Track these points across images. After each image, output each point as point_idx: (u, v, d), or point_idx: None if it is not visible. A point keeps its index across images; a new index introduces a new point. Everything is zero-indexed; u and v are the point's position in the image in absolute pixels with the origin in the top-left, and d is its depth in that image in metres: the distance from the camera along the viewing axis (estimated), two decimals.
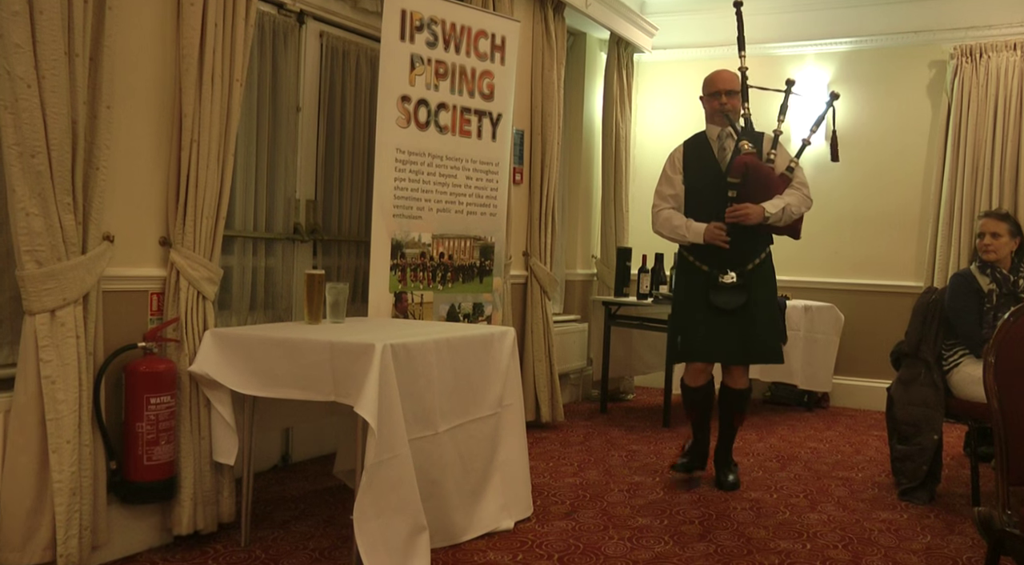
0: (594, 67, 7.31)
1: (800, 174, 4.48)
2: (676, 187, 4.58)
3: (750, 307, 4.37)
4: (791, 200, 4.37)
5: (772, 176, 4.37)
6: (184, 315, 3.42)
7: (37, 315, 2.89)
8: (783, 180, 4.42)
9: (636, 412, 6.69)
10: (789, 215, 4.37)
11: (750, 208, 4.28)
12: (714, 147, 4.53)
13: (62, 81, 2.88)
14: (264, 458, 4.54)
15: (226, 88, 3.49)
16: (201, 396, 3.43)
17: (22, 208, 2.82)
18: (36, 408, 2.90)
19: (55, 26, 2.84)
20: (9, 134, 2.79)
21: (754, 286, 4.39)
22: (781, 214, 4.34)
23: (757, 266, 4.43)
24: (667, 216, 4.55)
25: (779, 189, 4.39)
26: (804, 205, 4.43)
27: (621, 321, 6.49)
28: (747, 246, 4.40)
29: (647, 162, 7.56)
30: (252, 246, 4.37)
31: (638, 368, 6.98)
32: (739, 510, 4.17)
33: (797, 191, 4.42)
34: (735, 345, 4.40)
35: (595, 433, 5.86)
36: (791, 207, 4.36)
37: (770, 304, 4.53)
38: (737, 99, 4.49)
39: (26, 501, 2.90)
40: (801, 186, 4.45)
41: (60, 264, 2.92)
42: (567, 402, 6.80)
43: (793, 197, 4.38)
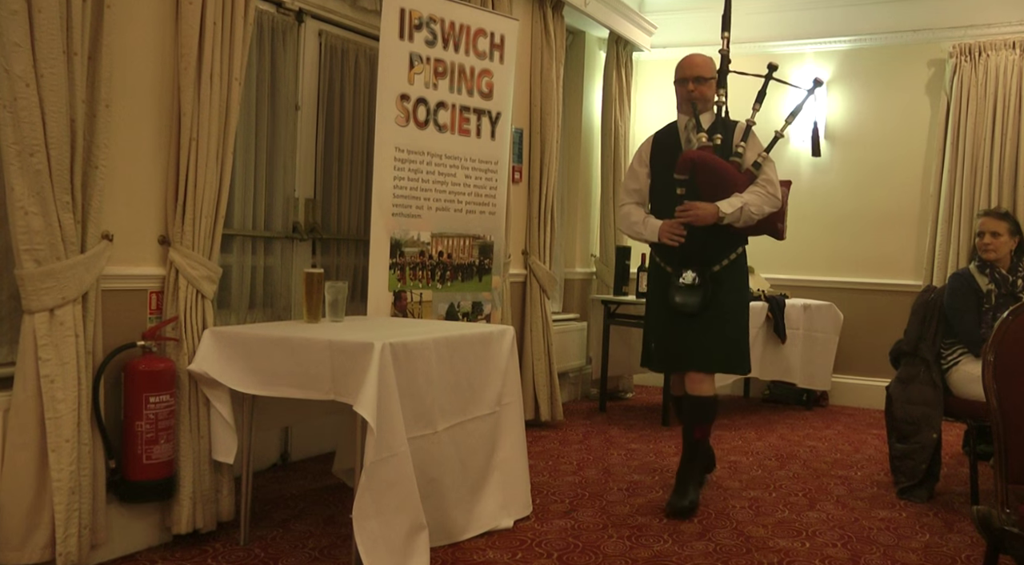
0: (593, 66, 7.31)
1: (768, 170, 4.11)
2: (640, 181, 4.33)
3: (713, 311, 4.05)
4: (750, 199, 4.01)
5: (729, 172, 4.01)
6: (183, 314, 3.41)
7: (36, 314, 2.89)
8: (748, 176, 4.08)
9: (635, 411, 6.69)
10: (748, 216, 4.02)
11: (701, 208, 3.97)
12: (682, 138, 4.21)
13: (61, 80, 2.87)
14: (263, 457, 4.54)
15: (225, 87, 3.49)
16: (200, 395, 3.43)
17: (21, 207, 2.82)
18: (35, 407, 2.90)
19: (53, 25, 2.84)
20: (8, 133, 2.79)
21: (720, 289, 4.06)
22: (739, 214, 3.99)
23: (725, 268, 4.11)
24: (626, 212, 4.32)
25: (741, 186, 4.04)
26: (768, 204, 4.06)
27: (620, 320, 6.49)
28: (713, 246, 4.08)
29: None
30: (251, 245, 4.37)
31: (637, 367, 6.97)
32: (738, 509, 4.17)
33: (760, 189, 4.06)
34: (692, 350, 4.08)
35: (594, 432, 5.86)
36: (750, 207, 4.00)
37: (738, 309, 4.18)
38: (707, 86, 4.14)
39: (25, 500, 2.90)
40: (766, 184, 4.07)
41: (59, 263, 2.92)
42: (566, 401, 6.80)
43: (754, 196, 4.03)
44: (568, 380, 6.96)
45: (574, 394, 7.10)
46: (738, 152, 4.08)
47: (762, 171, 4.08)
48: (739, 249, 4.18)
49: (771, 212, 4.09)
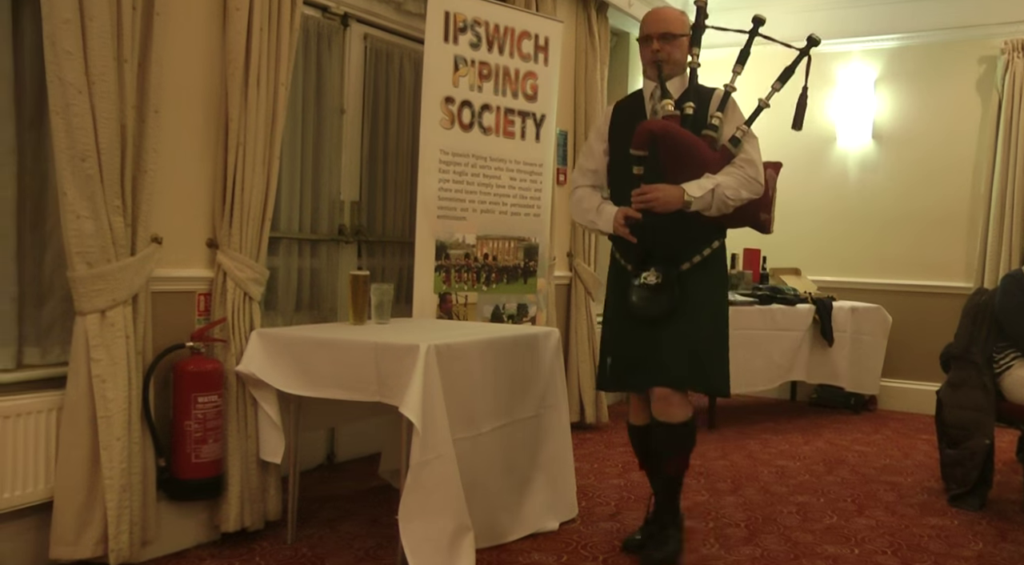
0: (638, 67, 7.26)
1: (749, 148, 3.35)
2: (597, 160, 3.58)
3: (681, 317, 3.31)
4: (724, 181, 3.26)
5: (699, 148, 3.28)
6: (231, 315, 3.46)
7: (88, 315, 2.94)
8: (724, 155, 3.34)
9: None
10: (722, 201, 3.26)
11: (662, 191, 3.22)
12: (647, 108, 3.48)
13: (111, 86, 2.93)
14: (310, 457, 4.58)
15: (271, 91, 3.53)
16: (248, 395, 3.47)
17: (73, 211, 2.88)
18: (87, 406, 2.96)
19: (105, 33, 2.89)
20: (60, 139, 2.85)
21: (689, 291, 3.32)
22: (710, 199, 3.23)
23: (697, 266, 3.36)
24: (578, 198, 3.59)
25: (714, 166, 3.31)
26: (746, 188, 3.29)
27: None
28: (680, 239, 3.35)
29: None
30: (297, 247, 4.41)
31: None
32: (785, 514, 4.13)
33: (737, 170, 3.30)
34: (656, 363, 3.33)
35: None
36: (723, 190, 3.24)
37: (712, 315, 3.40)
38: (676, 45, 3.40)
39: (78, 497, 2.96)
40: (745, 164, 3.31)
41: (110, 265, 2.97)
42: (611, 403, 6.78)
43: (729, 178, 3.27)
44: None
45: (619, 396, 7.07)
46: (713, 124, 3.33)
47: (741, 148, 3.33)
48: (714, 243, 3.42)
49: (751, 198, 3.34)
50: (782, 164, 3.78)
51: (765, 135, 7.74)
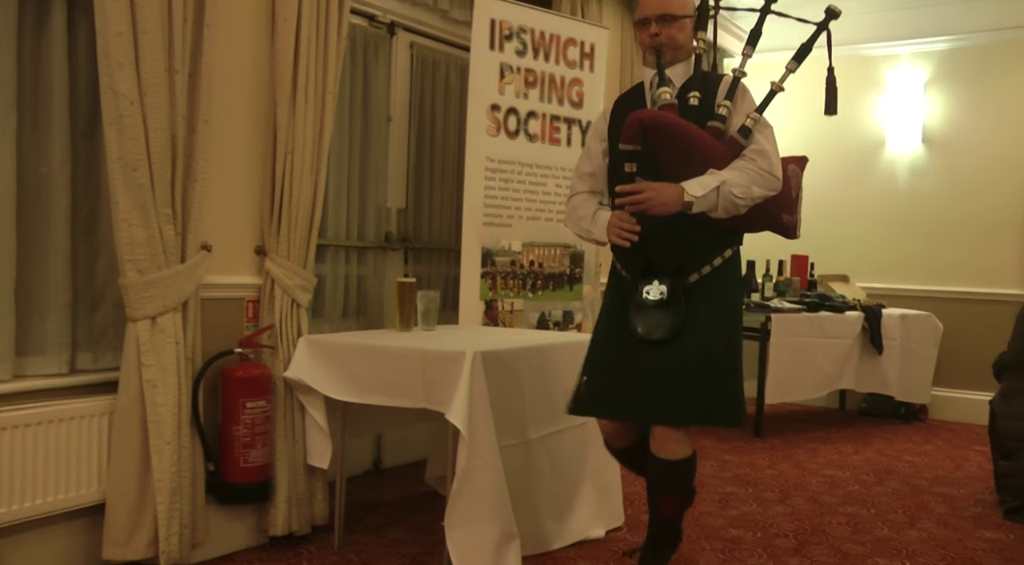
0: None
1: (760, 138, 2.90)
2: (595, 162, 3.20)
3: (688, 339, 2.88)
4: (731, 178, 2.80)
5: (700, 140, 2.85)
6: (279, 322, 3.49)
7: (139, 321, 3.00)
8: (734, 148, 2.90)
9: None
10: (730, 201, 2.80)
11: (658, 190, 2.79)
12: (648, 101, 3.08)
13: (163, 97, 2.98)
14: (357, 463, 4.61)
15: (319, 100, 3.57)
16: (295, 401, 3.51)
17: (124, 219, 2.93)
18: (138, 410, 3.01)
19: (156, 45, 2.95)
20: (113, 149, 2.91)
21: (698, 309, 2.90)
22: (715, 199, 2.79)
23: (706, 278, 2.94)
24: (574, 205, 3.21)
25: (721, 160, 2.87)
26: (759, 185, 2.83)
27: None
28: (685, 247, 2.93)
29: None
30: (344, 254, 4.45)
31: None
32: (835, 525, 4.07)
33: (747, 164, 2.85)
34: (654, 394, 2.88)
35: None
36: (731, 188, 2.79)
37: (726, 337, 2.95)
38: (678, 28, 3.00)
39: (130, 499, 3.02)
40: (757, 156, 2.86)
41: (160, 273, 3.02)
42: None
43: (738, 173, 2.82)
44: None
45: None
46: (720, 115, 2.93)
47: (752, 139, 2.89)
48: (726, 252, 2.99)
49: (765, 195, 2.87)
50: (807, 158, 3.35)
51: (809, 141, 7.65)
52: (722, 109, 2.93)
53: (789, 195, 3.10)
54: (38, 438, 2.89)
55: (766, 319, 5.85)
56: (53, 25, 3.01)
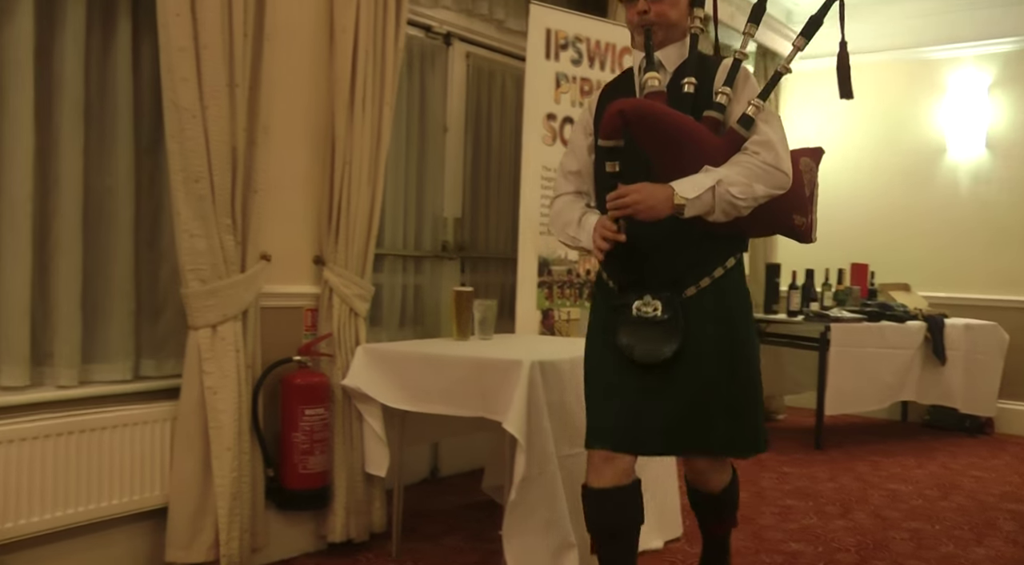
0: None
1: (765, 128, 2.48)
2: (581, 159, 2.79)
3: (695, 362, 2.51)
4: (730, 174, 2.41)
5: (692, 131, 2.46)
6: (337, 331, 3.53)
7: (200, 330, 3.05)
8: (732, 139, 2.49)
9: (787, 433, 6.52)
10: (728, 202, 2.40)
11: (644, 192, 2.40)
12: (637, 87, 2.66)
13: (224, 110, 3.04)
14: (414, 471, 4.63)
15: (377, 111, 3.61)
16: (353, 409, 3.54)
17: (186, 230, 3.00)
18: (199, 416, 3.07)
19: (218, 59, 3.01)
20: (175, 161, 2.97)
21: (698, 324, 2.52)
22: (711, 200, 2.39)
23: (705, 290, 2.55)
24: (558, 209, 2.81)
25: (717, 154, 2.47)
26: (763, 182, 2.43)
27: (770, 339, 6.34)
28: (681, 256, 2.55)
29: None
30: (402, 264, 4.49)
31: (788, 388, 6.80)
32: (898, 540, 3.99)
33: (749, 158, 2.45)
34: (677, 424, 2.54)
35: None
36: (729, 187, 2.39)
37: (740, 357, 2.58)
38: (668, 3, 2.60)
39: (191, 503, 3.07)
40: (760, 149, 2.45)
41: (221, 282, 3.08)
42: None
43: (738, 170, 2.42)
44: None
45: None
46: (718, 104, 2.52)
47: (755, 129, 2.49)
48: (729, 261, 2.60)
49: (771, 194, 2.47)
50: (823, 150, 2.94)
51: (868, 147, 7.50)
52: (721, 96, 2.52)
53: (801, 193, 2.70)
54: (103, 442, 2.96)
55: (825, 329, 5.77)
56: (118, 43, 3.09)
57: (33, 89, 2.85)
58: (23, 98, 2.83)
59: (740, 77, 2.56)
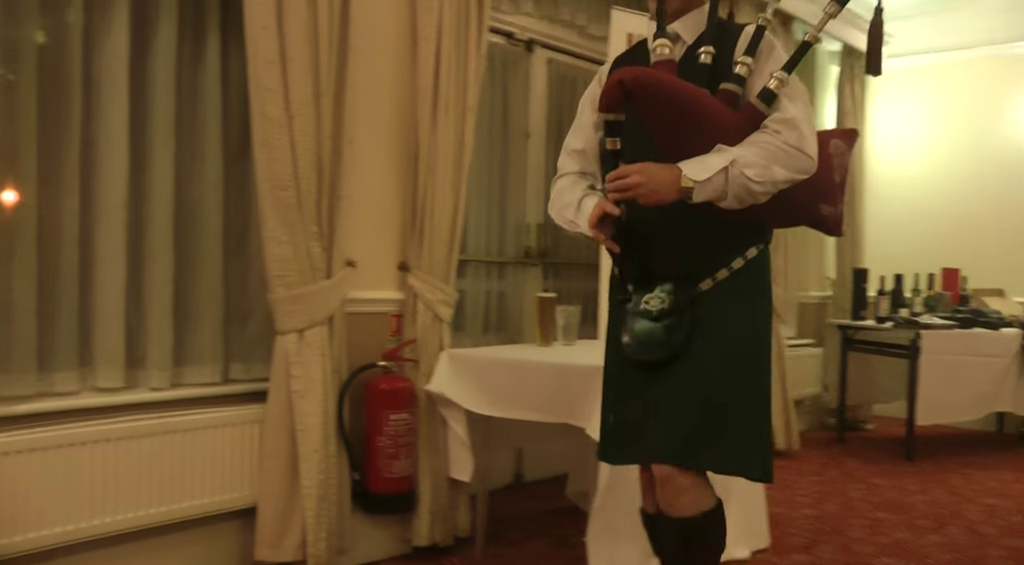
0: (825, 80, 7.08)
1: (788, 105, 2.19)
2: (586, 136, 2.54)
3: (692, 359, 2.23)
4: (745, 155, 2.13)
5: (706, 107, 2.17)
6: (421, 336, 3.56)
7: (287, 334, 3.11)
8: (751, 115, 2.20)
9: (876, 443, 6.36)
10: (742, 185, 2.12)
11: (648, 173, 2.13)
12: (652, 59, 2.32)
13: (310, 120, 3.09)
14: (497, 477, 4.64)
15: (459, 117, 3.63)
16: (437, 414, 3.56)
17: (273, 237, 3.06)
18: (286, 419, 3.13)
19: (304, 70, 3.07)
20: (262, 170, 3.04)
21: (710, 322, 2.24)
22: (723, 183, 2.11)
23: (722, 285, 2.27)
24: (559, 189, 2.58)
25: (732, 132, 2.18)
26: (781, 164, 2.14)
27: (858, 346, 6.21)
28: (695, 245, 2.27)
29: (883, 178, 7.22)
30: (485, 269, 4.50)
31: (877, 396, 6.63)
32: (996, 558, 3.83)
33: (768, 137, 2.16)
34: (655, 425, 2.24)
35: (832, 464, 5.62)
36: (743, 169, 2.11)
37: (745, 357, 2.28)
38: None
39: (279, 503, 3.13)
40: (782, 127, 2.17)
41: (307, 288, 3.13)
42: (802, 430, 6.56)
43: (755, 150, 2.14)
44: (803, 408, 6.72)
45: (810, 423, 6.85)
46: (737, 75, 2.23)
47: (777, 105, 2.20)
48: (749, 251, 2.30)
49: (793, 179, 2.18)
50: (857, 132, 2.69)
51: (957, 148, 7.28)
52: (740, 67, 2.23)
53: (830, 179, 2.41)
54: (195, 443, 3.03)
55: (916, 336, 5.62)
56: (208, 56, 3.18)
57: (127, 102, 2.95)
58: (118, 111, 2.93)
59: (764, 46, 2.26)
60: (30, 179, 2.78)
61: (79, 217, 2.88)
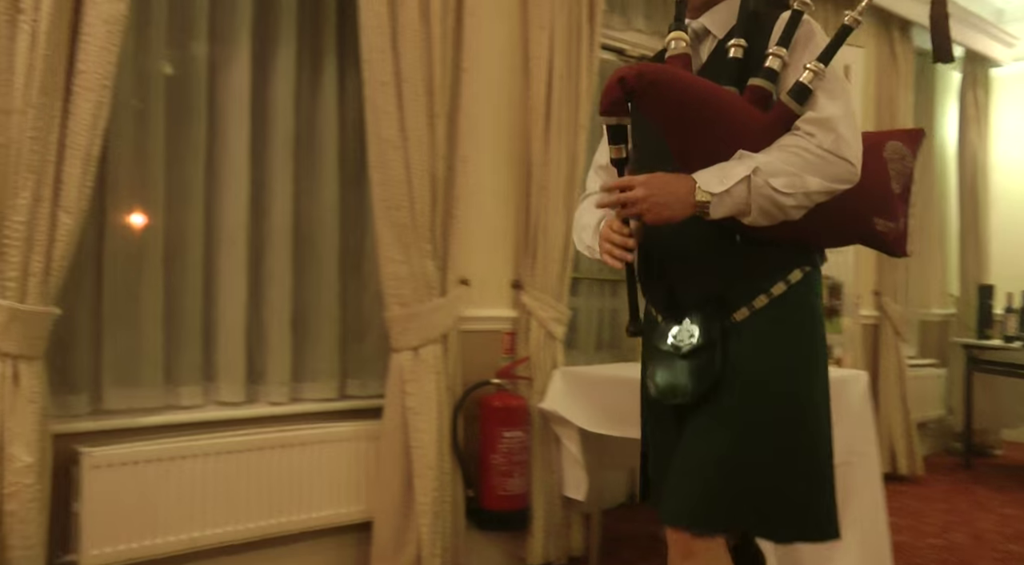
0: (946, 87, 6.83)
1: (824, 101, 1.82)
2: None
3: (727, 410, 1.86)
4: (770, 162, 1.78)
5: (725, 107, 1.84)
6: (534, 354, 3.56)
7: (402, 352, 3.15)
8: (781, 116, 1.84)
9: (1006, 470, 6.07)
10: (768, 198, 1.76)
11: (655, 186, 1.80)
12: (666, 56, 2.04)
13: (424, 140, 3.14)
14: (611, 495, 4.59)
15: (572, 135, 3.64)
16: (551, 432, 3.55)
17: (388, 256, 3.11)
18: (401, 436, 3.16)
19: (418, 91, 3.12)
20: (377, 190, 3.10)
21: (744, 362, 1.87)
22: (745, 195, 1.76)
23: (761, 313, 1.89)
24: (580, 211, 2.21)
25: (757, 136, 1.82)
26: (815, 172, 1.78)
27: (985, 367, 5.95)
28: (727, 266, 1.92)
29: (1008, 188, 6.91)
30: (598, 287, 4.48)
31: (1007, 420, 6.34)
32: None
33: (799, 141, 1.80)
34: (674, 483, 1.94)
35: (958, 491, 5.39)
36: (768, 178, 1.76)
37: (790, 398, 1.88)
38: None
39: (395, 519, 3.17)
40: (815, 129, 1.80)
41: (421, 306, 3.17)
42: (925, 454, 6.31)
43: (782, 157, 1.79)
44: (927, 431, 6.47)
45: (933, 447, 6.59)
46: (768, 70, 1.86)
47: (812, 101, 1.83)
48: (793, 274, 1.92)
49: (832, 191, 1.82)
50: (923, 132, 2.21)
51: None
52: (772, 59, 1.86)
53: (884, 189, 2.03)
54: (312, 457, 3.09)
55: None
56: (325, 80, 3.27)
57: (249, 126, 3.07)
58: (240, 135, 3.05)
59: (800, 35, 1.90)
60: (158, 202, 2.90)
61: (203, 238, 3.00)
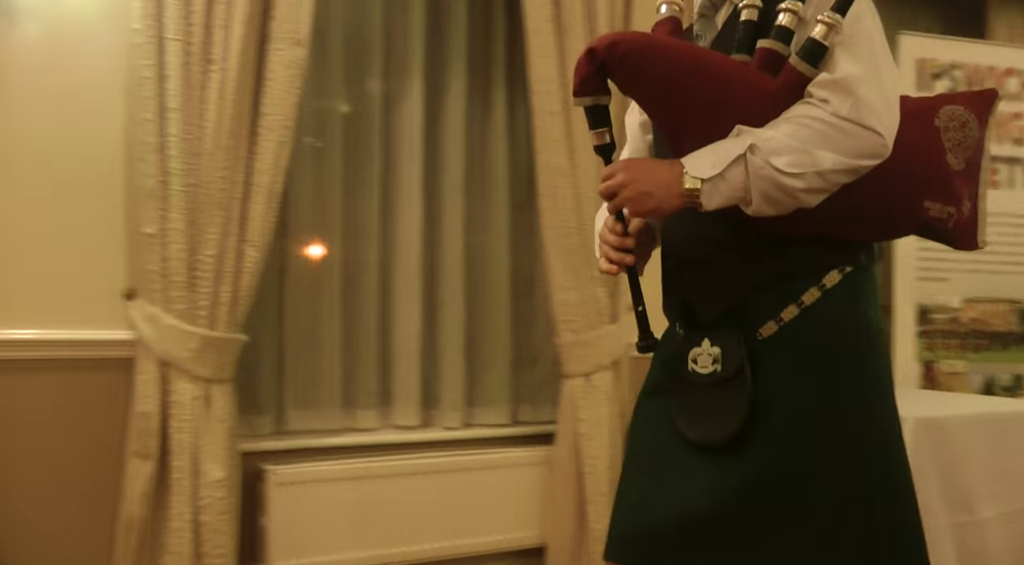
0: None
1: (842, 59, 1.45)
2: (634, 145, 1.88)
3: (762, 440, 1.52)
4: (771, 137, 1.43)
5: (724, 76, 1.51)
6: None
7: (574, 378, 3.18)
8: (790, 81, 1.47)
9: None
10: (772, 181, 1.41)
11: (636, 172, 1.55)
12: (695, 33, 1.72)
13: (592, 167, 3.17)
14: None
15: None
16: None
17: (558, 283, 3.16)
18: (573, 462, 3.18)
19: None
20: (547, 217, 3.15)
21: (775, 394, 1.51)
22: (744, 180, 1.43)
23: (790, 327, 1.54)
24: (597, 218, 1.85)
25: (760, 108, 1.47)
26: (830, 147, 1.41)
27: None
28: (746, 270, 1.60)
29: None
30: None
31: None
32: None
33: (808, 111, 1.43)
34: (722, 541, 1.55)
35: None
36: (769, 157, 1.41)
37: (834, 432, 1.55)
38: None
39: (568, 544, 3.18)
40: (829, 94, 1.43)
41: (592, 333, 3.19)
42: None
43: (787, 129, 1.43)
44: None
45: None
46: (782, 26, 1.49)
47: (827, 62, 1.46)
48: (828, 276, 1.55)
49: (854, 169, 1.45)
50: (996, 93, 1.73)
51: None
52: (785, 16, 1.49)
53: (939, 165, 1.61)
54: (485, 481, 3.15)
55: None
56: (495, 111, 3.35)
57: (421, 159, 3.18)
58: (413, 167, 3.17)
59: None
60: (336, 233, 3.05)
61: (379, 267, 3.13)
